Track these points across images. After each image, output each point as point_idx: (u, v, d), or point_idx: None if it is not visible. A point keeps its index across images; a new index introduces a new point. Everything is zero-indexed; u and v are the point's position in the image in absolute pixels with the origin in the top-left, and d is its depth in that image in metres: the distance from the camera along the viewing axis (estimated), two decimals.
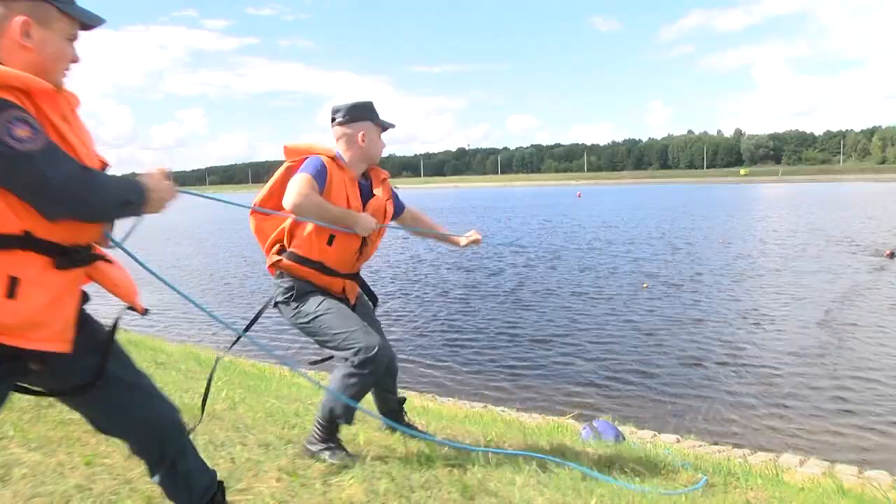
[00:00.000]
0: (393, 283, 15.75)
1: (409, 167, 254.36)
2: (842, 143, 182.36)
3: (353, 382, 3.04)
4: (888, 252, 16.82)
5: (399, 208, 3.57)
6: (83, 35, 1.96)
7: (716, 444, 5.91)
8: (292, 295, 3.16)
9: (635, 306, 11.72)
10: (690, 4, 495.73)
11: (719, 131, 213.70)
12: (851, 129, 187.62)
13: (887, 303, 11.65)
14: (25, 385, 1.97)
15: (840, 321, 10.39)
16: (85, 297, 2.03)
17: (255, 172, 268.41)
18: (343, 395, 3.03)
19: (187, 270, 19.01)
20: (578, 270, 16.25)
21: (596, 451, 3.64)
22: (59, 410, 3.43)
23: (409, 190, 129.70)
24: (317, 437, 3.17)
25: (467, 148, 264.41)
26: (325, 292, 3.18)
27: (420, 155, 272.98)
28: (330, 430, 3.17)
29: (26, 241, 1.76)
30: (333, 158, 3.16)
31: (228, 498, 2.40)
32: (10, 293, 1.72)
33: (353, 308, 3.30)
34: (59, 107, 1.86)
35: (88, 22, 1.98)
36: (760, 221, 31.33)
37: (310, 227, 3.08)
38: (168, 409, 2.17)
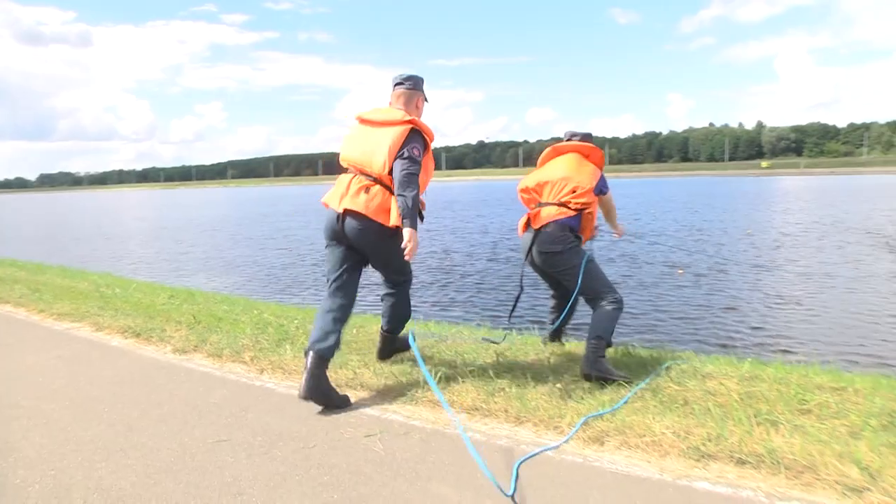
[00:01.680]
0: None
1: None
2: (865, 135, 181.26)
3: (618, 314, 4.41)
4: None
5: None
6: (107, 30, 3.72)
7: None
8: (577, 241, 4.60)
9: (670, 292, 12.94)
10: None
11: (740, 124, 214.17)
12: (876, 122, 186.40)
13: None
14: None
15: (857, 308, 11.66)
16: None
17: (277, 165, 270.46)
18: (611, 324, 4.36)
19: (231, 260, 20.26)
20: (610, 259, 17.30)
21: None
22: None
23: (432, 183, 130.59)
24: (595, 355, 4.22)
25: (486, 141, 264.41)
26: None
27: (440, 148, 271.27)
28: (604, 349, 4.29)
29: None
30: None
31: None
32: None
33: None
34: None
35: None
36: (783, 213, 32.44)
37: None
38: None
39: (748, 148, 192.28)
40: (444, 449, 3.31)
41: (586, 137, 4.87)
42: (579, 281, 4.45)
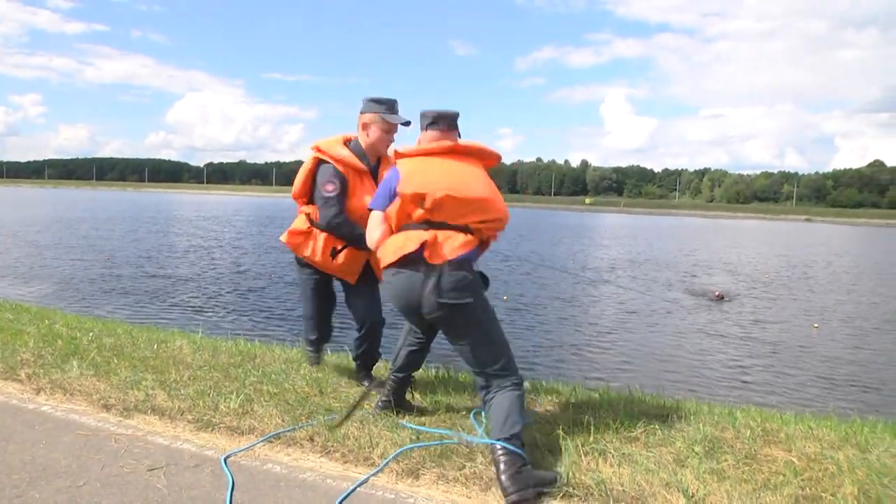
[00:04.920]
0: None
1: (259, 175, 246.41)
2: (678, 180, 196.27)
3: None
4: (717, 293, 17.54)
5: None
6: None
7: None
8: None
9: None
10: (544, 40, 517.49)
11: (567, 161, 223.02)
12: (686, 169, 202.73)
13: (707, 332, 13.74)
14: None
15: (664, 339, 12.28)
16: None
17: (100, 168, 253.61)
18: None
19: (30, 267, 18.70)
20: None
21: None
22: None
23: (260, 199, 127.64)
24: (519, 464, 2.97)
25: None
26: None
27: (271, 163, 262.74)
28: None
29: None
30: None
31: None
32: (332, 255, 4.03)
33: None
34: (364, 176, 4.04)
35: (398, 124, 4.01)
36: (602, 248, 34.21)
37: None
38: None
39: (573, 184, 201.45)
40: (240, 484, 2.86)
41: (447, 119, 3.52)
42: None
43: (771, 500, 2.74)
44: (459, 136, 3.57)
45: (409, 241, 3.16)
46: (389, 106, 4.00)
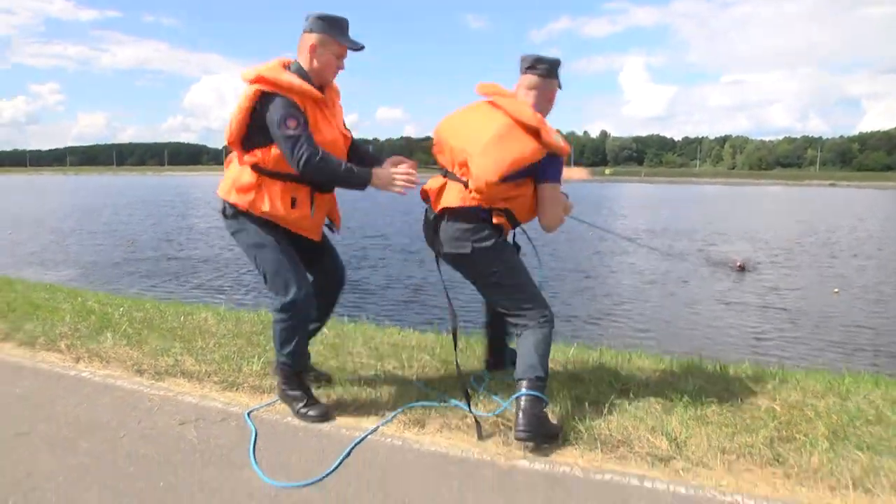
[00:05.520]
0: None
1: None
2: (698, 148, 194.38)
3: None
4: (738, 263, 17.15)
5: None
6: None
7: None
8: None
9: None
10: (559, 11, 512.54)
11: (586, 132, 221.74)
12: (707, 136, 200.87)
13: (724, 301, 13.89)
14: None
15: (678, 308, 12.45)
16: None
17: (119, 154, 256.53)
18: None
19: (55, 254, 19.28)
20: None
21: None
22: None
23: None
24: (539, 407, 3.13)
25: None
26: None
27: None
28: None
29: (297, 178, 3.14)
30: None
31: None
32: (293, 205, 3.20)
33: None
34: (321, 105, 3.25)
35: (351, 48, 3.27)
36: (621, 218, 34.25)
37: None
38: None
39: (593, 155, 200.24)
40: (263, 434, 3.15)
41: (547, 63, 3.58)
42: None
43: (747, 441, 2.98)
44: (560, 87, 3.56)
45: (427, 185, 3.40)
46: (342, 27, 3.29)
